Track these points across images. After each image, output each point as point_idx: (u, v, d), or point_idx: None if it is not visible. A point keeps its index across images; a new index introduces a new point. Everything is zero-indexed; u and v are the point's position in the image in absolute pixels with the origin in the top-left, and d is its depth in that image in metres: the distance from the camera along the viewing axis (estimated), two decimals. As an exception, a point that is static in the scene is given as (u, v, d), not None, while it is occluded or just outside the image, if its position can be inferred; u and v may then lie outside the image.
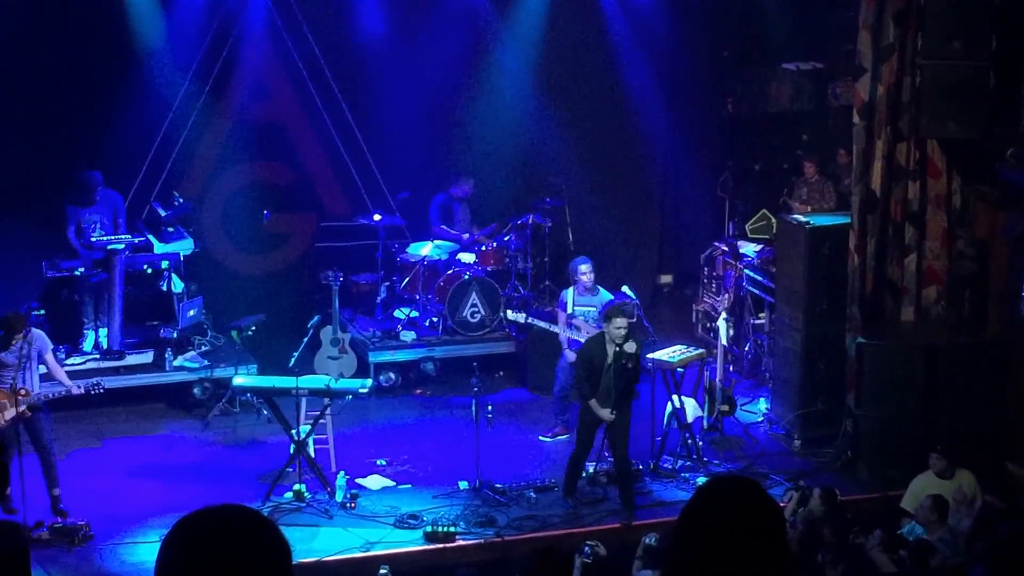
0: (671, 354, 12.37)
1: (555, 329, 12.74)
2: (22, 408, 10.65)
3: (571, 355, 12.39)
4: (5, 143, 13.79)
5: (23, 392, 10.65)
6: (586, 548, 8.98)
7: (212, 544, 2.60)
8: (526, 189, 16.17)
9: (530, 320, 12.87)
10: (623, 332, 11.05)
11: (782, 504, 9.94)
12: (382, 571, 9.43)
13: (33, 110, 14.05)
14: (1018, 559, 2.70)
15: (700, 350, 12.88)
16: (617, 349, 11.09)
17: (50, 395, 10.96)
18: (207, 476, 11.89)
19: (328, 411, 11.77)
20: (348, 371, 13.83)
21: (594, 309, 12.58)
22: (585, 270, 12.74)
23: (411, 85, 15.58)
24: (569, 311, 12.74)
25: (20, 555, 5.39)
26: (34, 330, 10.99)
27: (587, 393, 11.19)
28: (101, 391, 11.47)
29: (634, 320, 12.36)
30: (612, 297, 12.86)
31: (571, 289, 12.85)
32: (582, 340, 12.27)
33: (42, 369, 11.14)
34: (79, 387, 11.18)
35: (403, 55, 15.55)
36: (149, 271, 13.94)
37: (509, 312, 13.11)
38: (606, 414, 11.10)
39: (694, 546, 2.83)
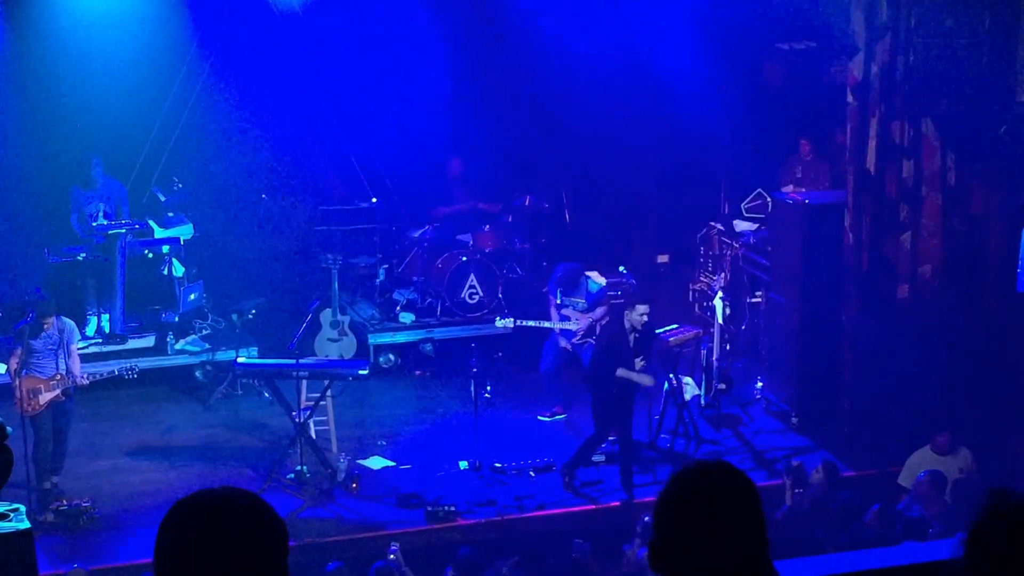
0: (668, 333, 12.46)
1: (546, 324, 12.83)
2: (57, 392, 10.82)
3: (562, 341, 12.62)
4: (7, 130, 13.84)
5: (58, 377, 10.81)
6: None
7: (207, 527, 2.62)
8: (523, 170, 16.21)
9: (519, 323, 12.92)
10: (647, 319, 11.23)
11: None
12: (393, 546, 9.54)
13: (34, 96, 14.09)
14: (995, 534, 2.74)
15: (697, 329, 12.96)
16: (636, 335, 11.21)
17: (96, 375, 11.26)
18: (209, 458, 11.97)
19: (329, 393, 11.84)
20: (348, 353, 13.88)
21: (582, 301, 12.74)
22: (572, 276, 12.85)
23: (409, 64, 15.58)
24: (558, 300, 12.84)
25: (25, 536, 5.45)
26: (65, 319, 11.12)
27: (606, 373, 11.26)
28: (135, 375, 11.70)
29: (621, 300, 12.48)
30: (599, 286, 13.00)
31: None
32: (573, 329, 12.44)
33: None
34: (113, 369, 11.54)
35: (400, 35, 15.55)
36: (150, 256, 14.03)
37: (497, 320, 13.10)
38: (647, 379, 11.28)
39: (667, 532, 2.87)
